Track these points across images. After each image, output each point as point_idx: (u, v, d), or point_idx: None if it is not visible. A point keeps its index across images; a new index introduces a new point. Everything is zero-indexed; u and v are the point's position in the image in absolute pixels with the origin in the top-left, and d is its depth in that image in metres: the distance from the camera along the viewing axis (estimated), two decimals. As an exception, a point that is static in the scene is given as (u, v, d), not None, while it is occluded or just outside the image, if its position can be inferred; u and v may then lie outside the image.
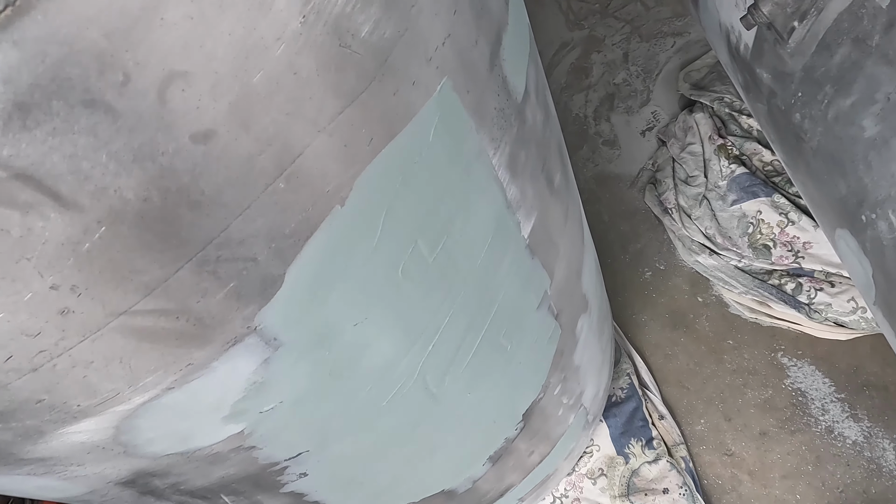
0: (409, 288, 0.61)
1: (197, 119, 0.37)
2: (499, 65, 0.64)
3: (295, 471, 0.72)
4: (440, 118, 0.55)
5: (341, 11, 0.41)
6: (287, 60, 0.39)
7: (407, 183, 0.54)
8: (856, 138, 1.06)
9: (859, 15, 1.01)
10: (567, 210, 0.98)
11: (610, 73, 2.39)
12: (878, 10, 0.97)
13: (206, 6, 0.35)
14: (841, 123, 1.08)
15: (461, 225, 0.65)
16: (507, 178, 0.71)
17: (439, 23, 0.51)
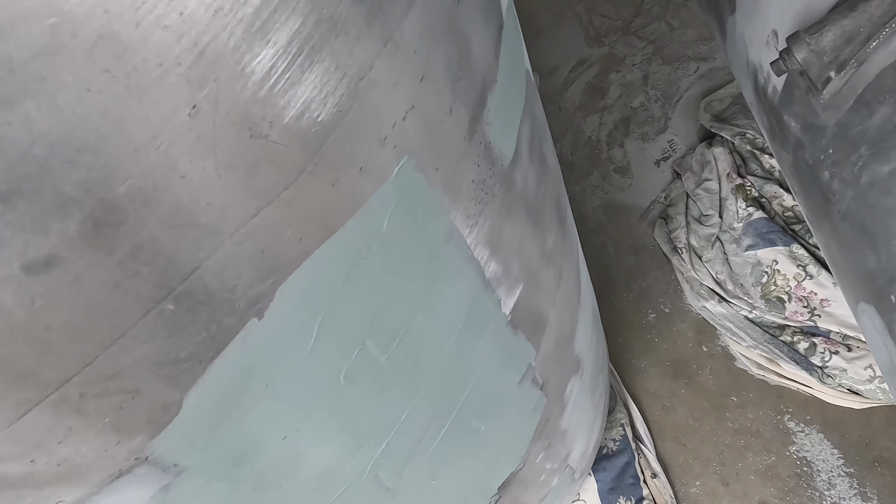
0: (355, 393, 0.52)
1: (33, 243, 0.28)
2: (481, 131, 0.54)
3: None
4: (397, 204, 0.45)
5: (253, 96, 0.32)
6: (169, 164, 0.30)
7: (351, 282, 0.44)
8: (892, 210, 0.95)
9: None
10: (561, 272, 0.88)
11: (627, 96, 2.27)
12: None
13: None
14: (876, 191, 0.97)
15: (424, 316, 0.55)
16: (485, 255, 0.61)
17: (399, 94, 0.42)
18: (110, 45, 0.26)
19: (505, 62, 0.58)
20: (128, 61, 0.27)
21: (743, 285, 1.65)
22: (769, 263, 1.61)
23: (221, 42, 0.29)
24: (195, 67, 0.29)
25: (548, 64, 2.49)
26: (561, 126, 2.29)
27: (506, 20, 0.59)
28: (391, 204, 0.44)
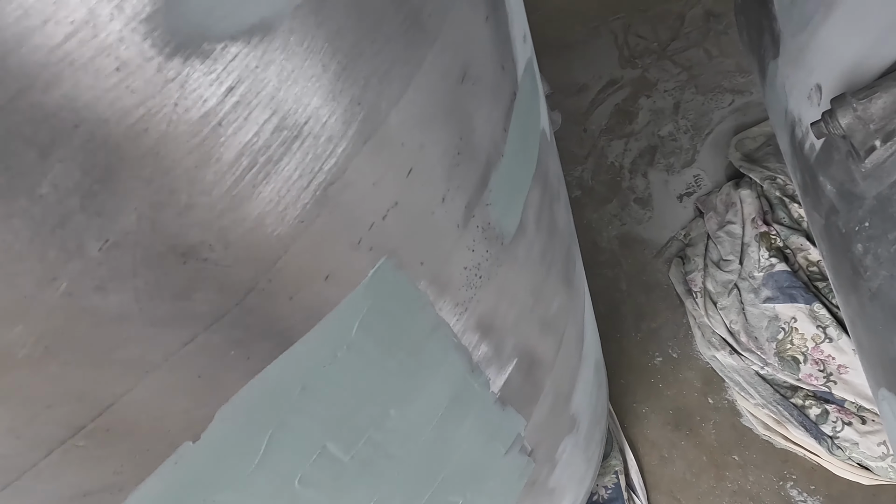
0: (313, 494, 0.47)
1: None
2: (479, 214, 0.48)
3: None
4: (371, 307, 0.40)
5: (187, 220, 0.26)
6: (76, 304, 0.25)
7: (310, 390, 0.39)
8: (927, 300, 0.87)
9: (961, 158, 0.82)
10: (562, 338, 0.82)
11: (656, 123, 2.19)
12: None
13: None
14: (912, 277, 0.90)
15: (399, 411, 0.50)
16: (475, 339, 0.55)
17: (380, 193, 0.36)
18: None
19: (516, 132, 0.53)
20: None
21: (757, 339, 1.58)
22: (787, 320, 1.54)
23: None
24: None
25: (577, 81, 2.41)
26: (584, 149, 2.22)
27: (521, 84, 0.53)
28: (363, 309, 0.39)
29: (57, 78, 0.21)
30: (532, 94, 0.58)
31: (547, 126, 0.68)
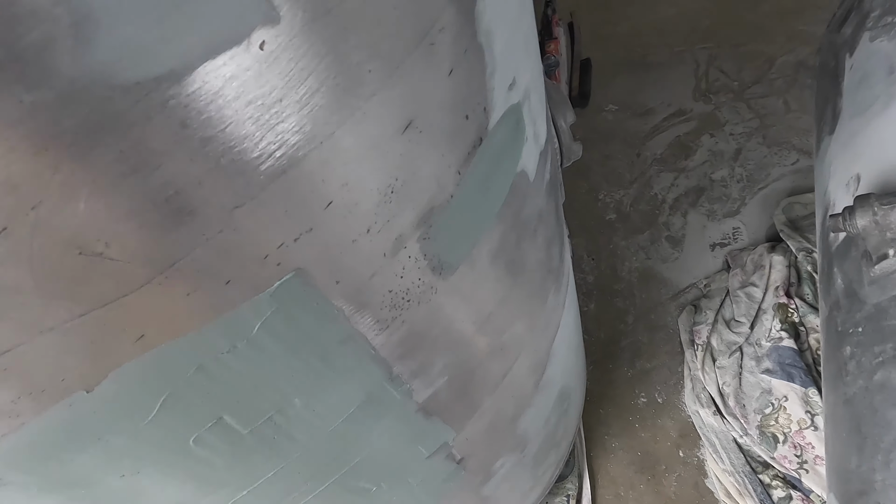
0: (207, 453, 0.52)
1: None
2: (413, 247, 0.51)
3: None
4: (276, 311, 0.44)
5: (77, 233, 0.31)
6: (-29, 271, 0.30)
7: (207, 370, 0.44)
8: (891, 424, 0.85)
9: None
10: (513, 366, 0.85)
11: (712, 165, 2.12)
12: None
13: None
14: (884, 396, 0.88)
15: (304, 402, 0.54)
16: (397, 353, 0.59)
17: (292, 219, 0.40)
18: None
19: (476, 176, 0.55)
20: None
21: (745, 406, 1.55)
22: (779, 396, 1.51)
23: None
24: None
25: (645, 104, 2.36)
26: (632, 174, 2.18)
27: (493, 131, 0.56)
28: (266, 313, 0.43)
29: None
30: (509, 140, 0.60)
31: (532, 167, 0.69)
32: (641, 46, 2.55)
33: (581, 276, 1.98)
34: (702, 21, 2.55)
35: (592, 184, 2.20)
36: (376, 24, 0.37)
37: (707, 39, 2.48)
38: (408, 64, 0.41)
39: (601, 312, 1.90)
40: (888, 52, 1.08)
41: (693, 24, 2.55)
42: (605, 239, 2.05)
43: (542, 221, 0.78)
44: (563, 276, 1.00)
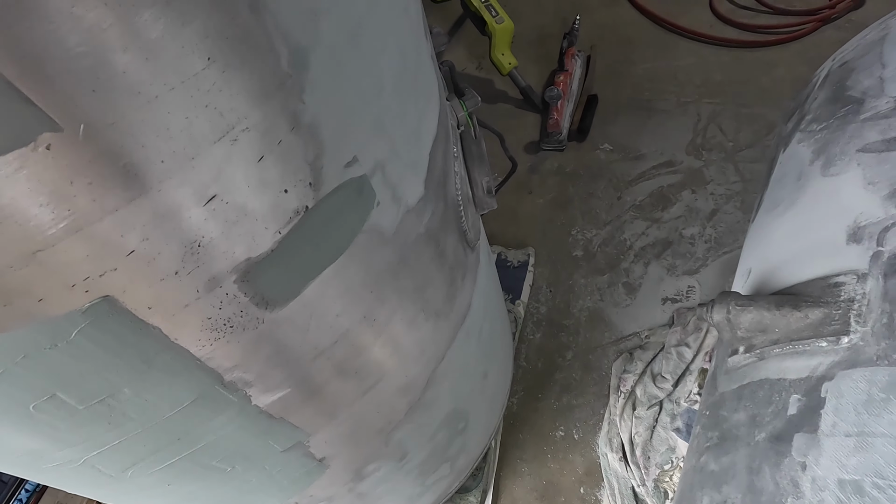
0: (48, 418, 0.65)
1: None
2: (230, 287, 0.63)
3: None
4: (92, 324, 0.56)
5: None
6: None
7: (32, 360, 0.57)
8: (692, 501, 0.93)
9: (767, 399, 0.87)
10: (374, 385, 0.96)
11: (685, 221, 2.18)
12: (779, 411, 0.83)
13: None
14: (700, 479, 0.96)
15: (133, 392, 0.67)
16: (227, 365, 0.71)
17: (95, 261, 0.52)
18: None
19: (302, 235, 0.66)
20: None
21: (649, 458, 1.63)
22: (680, 456, 1.58)
23: None
24: None
25: (638, 148, 2.41)
26: (608, 215, 2.25)
27: (323, 201, 0.66)
28: (81, 324, 0.56)
29: None
30: (348, 206, 0.71)
31: (390, 224, 0.80)
32: (651, 91, 2.59)
33: (535, 306, 2.07)
34: (715, 75, 2.58)
35: (569, 218, 2.27)
36: (163, 128, 0.48)
37: (715, 94, 2.51)
38: (206, 155, 0.52)
39: (545, 343, 1.99)
40: (803, 157, 1.14)
41: (706, 77, 2.58)
42: (567, 274, 2.13)
43: (407, 268, 0.89)
44: (451, 315, 1.10)
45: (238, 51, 0.50)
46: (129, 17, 0.42)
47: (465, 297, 1.16)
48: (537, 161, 2.47)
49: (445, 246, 1.01)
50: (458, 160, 1.04)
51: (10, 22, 0.38)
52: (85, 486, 0.89)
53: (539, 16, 3.00)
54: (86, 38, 0.41)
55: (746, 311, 0.94)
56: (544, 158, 2.48)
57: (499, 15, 2.65)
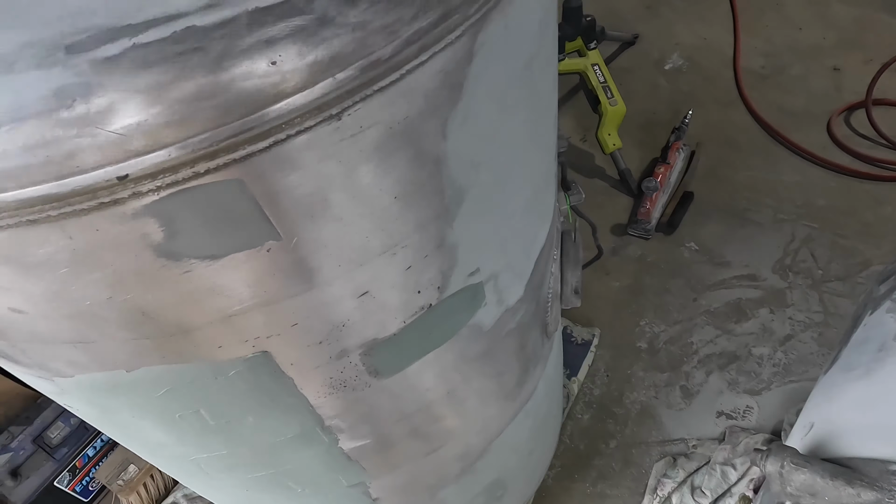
0: (185, 425, 0.79)
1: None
2: (355, 358, 0.75)
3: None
4: (247, 367, 0.70)
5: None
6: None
7: (195, 384, 0.71)
8: None
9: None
10: (439, 448, 1.06)
11: (757, 339, 2.17)
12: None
13: None
14: None
15: (254, 422, 0.80)
16: (330, 413, 0.83)
17: (265, 328, 0.65)
18: None
19: (420, 326, 0.78)
20: None
21: (671, 570, 1.65)
22: (703, 576, 1.59)
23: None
24: None
25: (723, 255, 2.43)
26: (680, 315, 2.27)
27: (443, 302, 0.78)
28: (241, 367, 0.69)
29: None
30: (461, 306, 0.82)
31: (489, 321, 0.90)
32: (748, 200, 2.61)
33: (590, 387, 2.12)
34: (818, 198, 2.56)
35: (640, 308, 2.31)
36: (348, 244, 0.61)
37: (814, 218, 2.50)
38: (371, 262, 0.65)
39: (591, 426, 2.03)
40: (889, 329, 1.17)
41: (808, 198, 2.57)
42: (627, 363, 2.17)
43: (493, 357, 0.99)
44: (519, 398, 1.19)
45: (417, 192, 0.63)
46: (351, 170, 0.56)
47: (533, 382, 1.25)
48: (620, 244, 2.53)
49: (528, 338, 1.11)
50: (555, 262, 1.14)
51: (271, 171, 0.51)
52: (182, 473, 1.04)
53: (652, 102, 3.08)
54: (318, 185, 0.55)
55: (800, 471, 0.98)
56: (628, 243, 2.53)
57: (614, 97, 2.75)
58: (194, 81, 0.44)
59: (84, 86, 0.43)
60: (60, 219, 0.48)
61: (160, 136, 0.45)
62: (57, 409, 1.90)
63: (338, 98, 0.50)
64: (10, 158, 0.44)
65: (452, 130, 0.61)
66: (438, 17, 0.53)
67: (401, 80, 0.53)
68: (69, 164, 0.45)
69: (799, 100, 2.95)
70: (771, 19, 3.39)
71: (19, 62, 0.43)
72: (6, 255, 0.51)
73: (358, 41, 0.49)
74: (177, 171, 0.47)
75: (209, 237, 0.54)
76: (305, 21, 0.46)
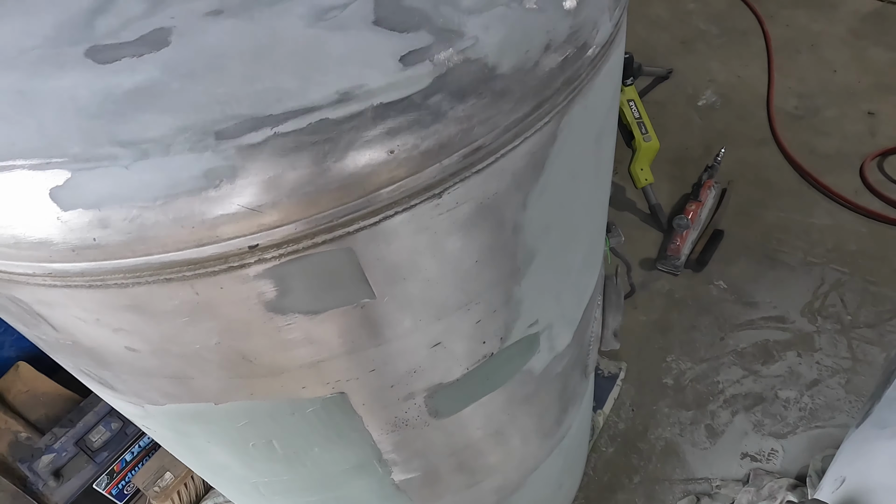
0: (257, 453, 0.85)
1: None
2: (420, 400, 0.80)
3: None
4: (325, 404, 0.75)
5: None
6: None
7: (273, 418, 0.76)
8: None
9: None
10: (481, 482, 1.11)
11: (784, 382, 2.18)
12: None
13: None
14: None
15: (321, 450, 0.85)
16: (388, 448, 0.88)
17: (347, 372, 0.71)
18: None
19: (481, 373, 0.83)
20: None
21: None
22: None
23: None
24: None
25: (752, 295, 2.45)
26: (707, 353, 2.29)
27: (504, 350, 0.83)
28: (318, 405, 0.75)
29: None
30: (519, 354, 0.87)
31: (540, 367, 0.95)
32: (779, 241, 2.62)
33: (615, 420, 2.15)
34: (849, 243, 2.57)
35: (667, 344, 2.34)
36: (430, 301, 0.67)
37: (845, 263, 2.51)
38: (448, 317, 0.70)
39: (615, 459, 2.06)
40: (924, 390, 1.19)
41: (839, 243, 2.58)
42: (653, 398, 2.19)
43: (538, 398, 1.03)
44: (556, 435, 1.23)
45: (495, 255, 0.68)
46: (443, 239, 0.61)
47: (570, 420, 1.29)
48: (649, 279, 2.56)
49: (570, 380, 1.15)
50: (599, 307, 1.19)
51: (376, 241, 0.57)
52: (238, 493, 1.09)
53: (685, 137, 3.11)
54: (413, 251, 0.60)
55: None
56: (657, 278, 2.56)
57: (648, 133, 2.79)
58: (324, 167, 0.50)
59: (230, 168, 0.49)
60: (192, 278, 0.54)
61: (289, 212, 0.51)
62: (99, 413, 1.97)
63: (441, 180, 0.55)
64: (161, 228, 0.50)
65: (532, 201, 0.66)
66: (532, 108, 0.58)
67: (495, 163, 0.58)
68: (210, 235, 0.51)
69: (832, 142, 2.97)
70: (806, 60, 3.41)
71: (174, 145, 0.49)
72: (136, 305, 0.57)
73: (464, 132, 0.54)
74: (299, 242, 0.53)
75: (314, 295, 0.59)
76: (421, 115, 0.52)
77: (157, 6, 0.61)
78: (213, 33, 0.56)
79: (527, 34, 0.56)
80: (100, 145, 0.50)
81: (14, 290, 0.59)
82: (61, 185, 0.50)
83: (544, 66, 0.57)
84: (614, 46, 0.70)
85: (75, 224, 0.50)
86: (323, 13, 0.56)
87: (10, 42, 0.61)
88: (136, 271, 0.53)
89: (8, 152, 0.52)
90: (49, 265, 0.53)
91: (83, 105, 0.53)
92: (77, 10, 0.64)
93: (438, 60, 0.53)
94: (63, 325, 0.62)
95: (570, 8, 0.60)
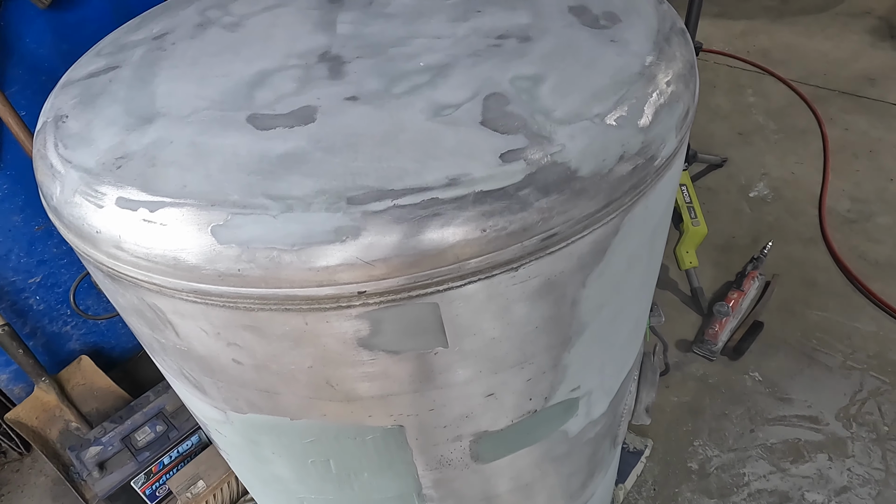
0: (311, 469, 0.95)
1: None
2: (465, 444, 0.89)
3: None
4: (382, 435, 0.85)
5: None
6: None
7: (336, 439, 0.86)
8: None
9: None
10: (502, 532, 1.17)
11: (812, 484, 2.14)
12: None
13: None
14: None
15: (370, 476, 0.94)
16: (428, 482, 0.97)
17: (407, 408, 0.80)
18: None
19: (523, 426, 0.91)
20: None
21: None
22: None
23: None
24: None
25: (786, 391, 2.44)
26: (736, 443, 2.29)
27: (546, 409, 0.91)
28: (377, 433, 0.84)
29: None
30: (558, 415, 0.95)
31: (575, 430, 1.03)
32: (819, 341, 2.62)
33: (635, 497, 2.15)
34: (892, 353, 2.55)
35: (696, 428, 2.34)
36: (492, 356, 0.76)
37: (885, 372, 2.48)
38: (503, 372, 0.80)
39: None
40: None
41: (881, 351, 2.56)
42: (676, 481, 2.19)
43: (569, 460, 1.10)
44: (580, 499, 1.29)
45: (552, 323, 0.78)
46: (512, 305, 0.71)
47: (594, 486, 1.34)
48: (684, 360, 2.58)
49: (600, 447, 1.21)
50: (635, 381, 1.26)
51: (457, 301, 0.68)
52: (281, 507, 1.18)
53: (733, 226, 3.17)
54: (486, 312, 0.70)
55: None
56: (692, 360, 2.58)
57: (697, 218, 2.87)
58: (428, 236, 0.62)
59: (355, 228, 0.61)
60: (307, 311, 0.66)
61: (395, 268, 0.62)
62: (147, 414, 2.10)
63: (520, 257, 0.66)
64: (292, 268, 0.62)
65: (591, 282, 0.76)
66: (602, 206, 0.69)
67: (566, 247, 0.69)
68: (329, 278, 0.62)
69: (883, 250, 2.97)
70: (862, 165, 3.45)
71: (314, 204, 0.62)
72: (255, 326, 0.69)
73: (544, 220, 0.65)
74: (397, 294, 0.64)
75: (398, 338, 0.70)
76: (511, 203, 0.63)
77: (305, 86, 0.76)
78: (351, 115, 0.70)
79: (605, 145, 0.68)
80: (255, 196, 0.63)
81: (157, 299, 0.72)
82: (221, 223, 0.63)
83: (617, 172, 0.68)
84: (677, 156, 0.81)
85: (226, 256, 0.63)
86: (440, 109, 0.69)
87: (185, 102, 0.76)
88: (264, 299, 0.65)
89: (181, 192, 0.65)
90: (196, 284, 0.65)
91: (243, 162, 0.66)
92: (239, 81, 0.79)
93: (531, 160, 0.64)
94: (186, 333, 0.75)
95: (644, 126, 0.71)
